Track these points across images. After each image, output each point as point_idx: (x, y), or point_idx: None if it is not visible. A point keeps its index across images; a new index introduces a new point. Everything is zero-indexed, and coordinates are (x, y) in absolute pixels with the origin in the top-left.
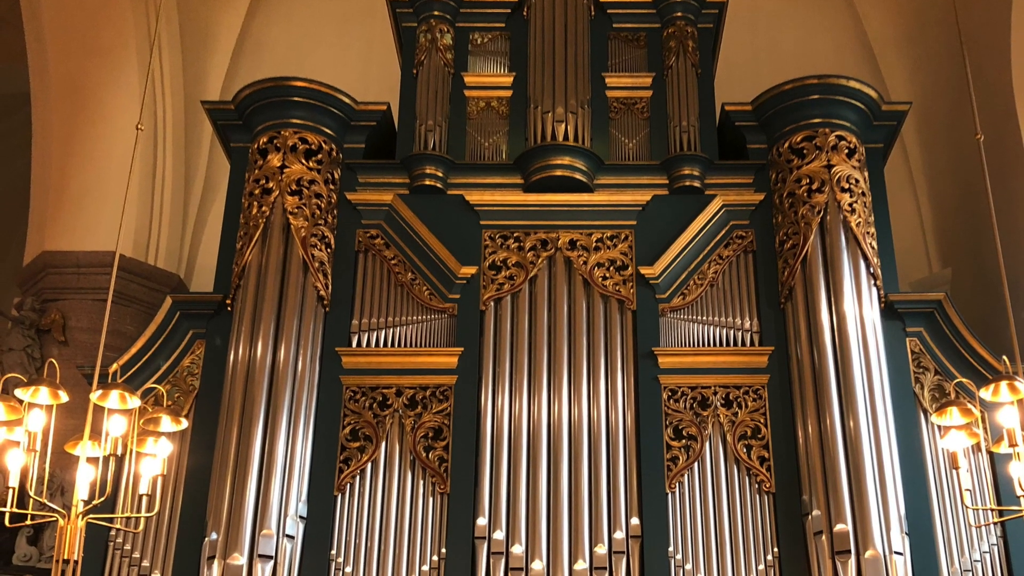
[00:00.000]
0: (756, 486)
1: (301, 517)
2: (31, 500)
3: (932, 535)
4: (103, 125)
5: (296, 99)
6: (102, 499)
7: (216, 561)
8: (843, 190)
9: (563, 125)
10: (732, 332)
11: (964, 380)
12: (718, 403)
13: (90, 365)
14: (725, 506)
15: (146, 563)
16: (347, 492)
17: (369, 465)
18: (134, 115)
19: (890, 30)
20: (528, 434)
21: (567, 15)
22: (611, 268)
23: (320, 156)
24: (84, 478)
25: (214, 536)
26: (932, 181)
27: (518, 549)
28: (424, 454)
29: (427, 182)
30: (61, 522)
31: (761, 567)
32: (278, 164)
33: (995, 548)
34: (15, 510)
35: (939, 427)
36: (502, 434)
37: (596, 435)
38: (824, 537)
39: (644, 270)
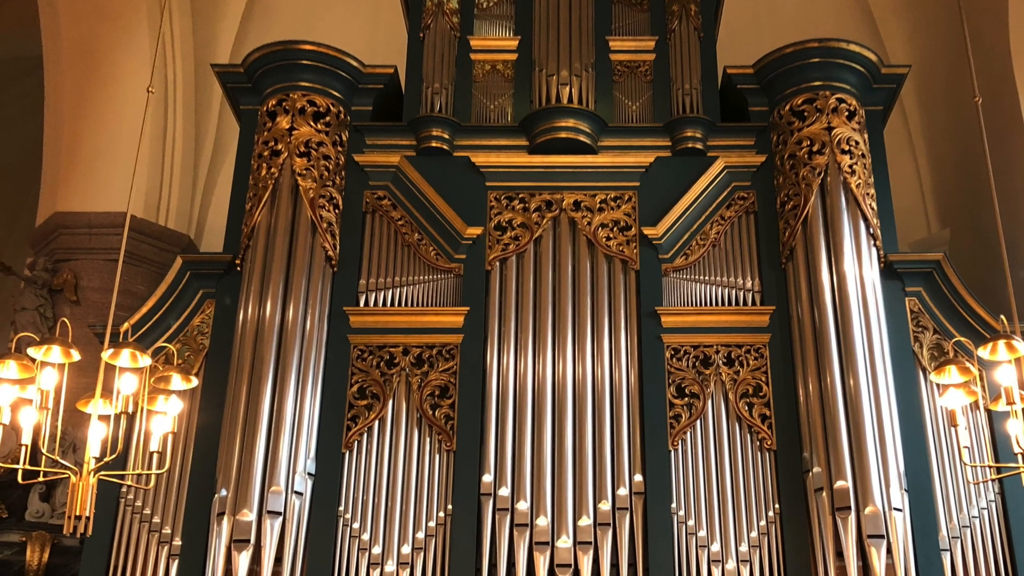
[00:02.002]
0: (757, 443)
1: (309, 474)
2: (44, 457)
3: (931, 492)
4: (114, 88)
5: (304, 62)
6: (113, 456)
7: (226, 517)
8: (843, 152)
9: (567, 88)
10: (734, 292)
11: (962, 339)
12: (720, 361)
13: (102, 324)
14: (727, 463)
15: (157, 519)
16: (355, 449)
17: (376, 423)
18: (145, 78)
19: None
20: (533, 392)
21: None
22: (615, 229)
23: (328, 118)
24: (96, 436)
25: (224, 492)
26: (931, 143)
27: (523, 505)
28: (431, 412)
29: (433, 144)
30: (73, 479)
31: (762, 523)
32: (287, 126)
33: (993, 504)
34: (28, 467)
35: (938, 385)
36: (507, 392)
37: (600, 393)
38: (824, 494)
39: (647, 231)
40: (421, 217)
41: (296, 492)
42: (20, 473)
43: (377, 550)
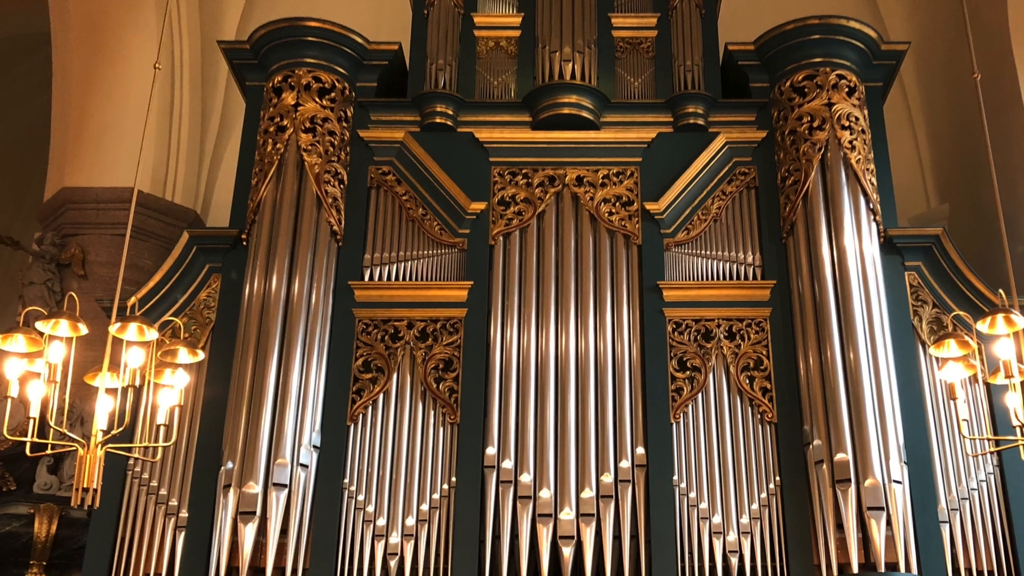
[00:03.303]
0: (758, 416)
1: (315, 447)
2: (51, 430)
3: (930, 464)
4: (121, 64)
5: (310, 39)
6: (120, 429)
7: (232, 489)
8: (843, 127)
9: (570, 64)
10: (735, 266)
11: (961, 313)
12: (721, 335)
13: (109, 298)
14: (728, 436)
15: (163, 491)
16: (359, 422)
17: (381, 396)
18: (152, 55)
19: None
20: (536, 366)
21: None
22: (617, 204)
23: (333, 94)
24: (103, 409)
25: (230, 465)
26: (930, 119)
27: (526, 478)
28: (435, 385)
29: (437, 120)
30: (80, 451)
31: (763, 495)
32: (292, 102)
33: (991, 477)
34: (36, 440)
35: (937, 359)
36: (511, 366)
37: (602, 367)
38: (825, 466)
39: (649, 206)
40: (425, 192)
41: (301, 464)
42: (28, 446)
43: (382, 522)
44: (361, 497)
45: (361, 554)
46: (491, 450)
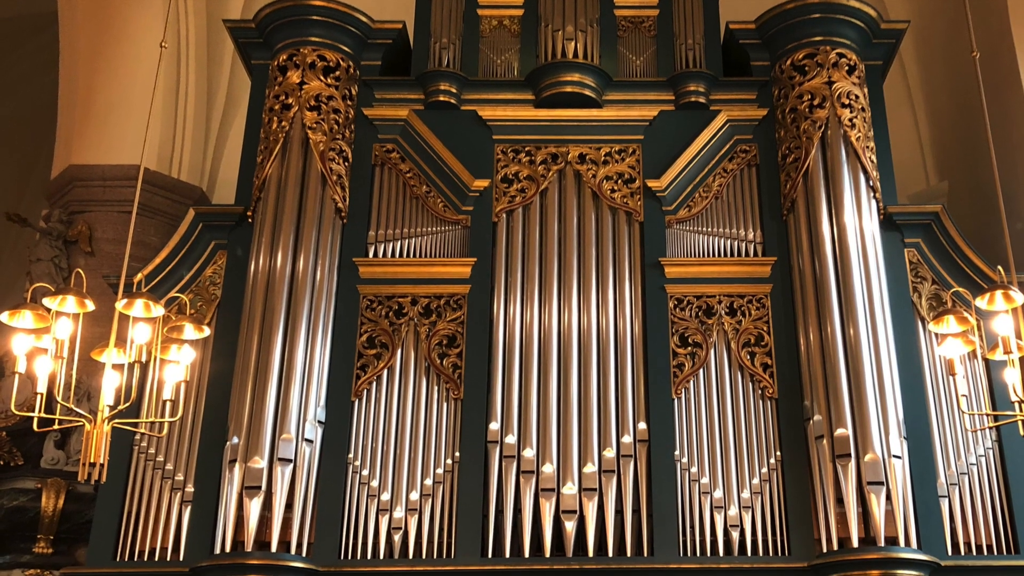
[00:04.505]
0: (759, 392)
1: (319, 422)
2: (58, 405)
3: (929, 439)
4: (128, 43)
5: (315, 18)
6: (127, 404)
7: (237, 464)
8: (843, 106)
9: (573, 43)
10: (736, 243)
11: (960, 289)
12: (723, 311)
13: (115, 275)
14: (729, 411)
15: (170, 466)
16: (364, 398)
17: (385, 371)
18: (158, 33)
19: None
20: (539, 341)
21: None
22: (619, 181)
23: (338, 73)
24: (110, 384)
25: (235, 440)
26: (929, 97)
27: (529, 453)
28: (438, 361)
29: (441, 98)
30: (87, 427)
31: (764, 470)
32: (297, 81)
33: (990, 452)
34: (43, 415)
35: (936, 335)
36: (514, 341)
37: (605, 343)
38: (825, 441)
39: (651, 183)
40: (429, 170)
41: (306, 440)
42: (36, 421)
43: (386, 496)
44: (365, 472)
45: (365, 528)
46: (494, 425)
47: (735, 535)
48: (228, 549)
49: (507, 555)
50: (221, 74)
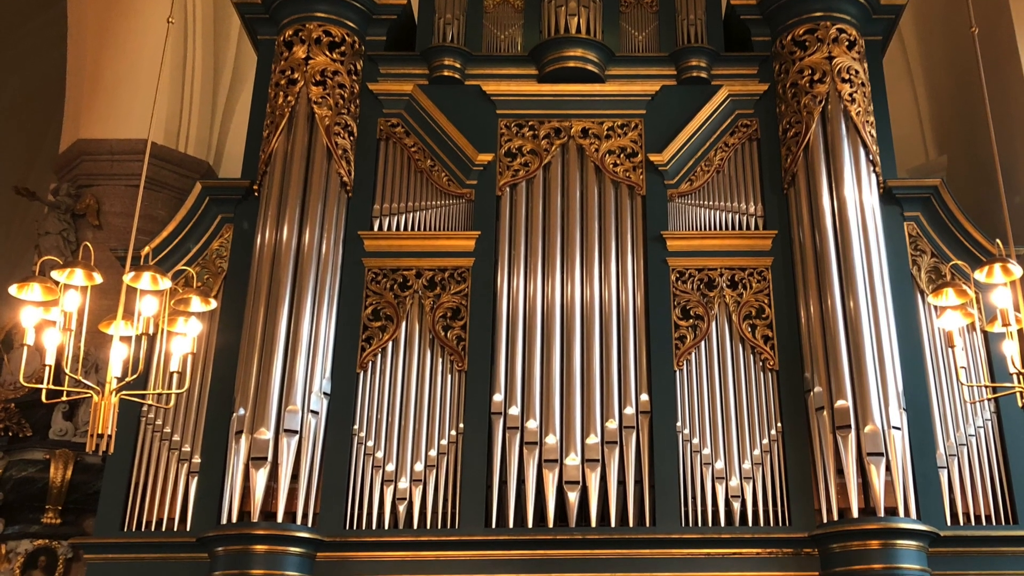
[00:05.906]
0: (760, 364)
1: (325, 394)
2: (67, 377)
3: (929, 411)
4: (135, 18)
5: None
6: (134, 376)
7: (244, 435)
8: (843, 80)
9: (576, 18)
10: (737, 216)
11: (959, 262)
12: (724, 284)
13: (123, 248)
14: (731, 383)
15: (176, 437)
16: (369, 370)
17: (390, 344)
18: (165, 9)
19: None
20: (542, 314)
21: None
22: (621, 155)
23: (343, 48)
24: (117, 356)
25: (242, 412)
26: (928, 72)
27: (532, 424)
28: (443, 333)
29: (445, 73)
30: (95, 398)
31: (765, 442)
32: (303, 56)
33: (989, 423)
34: (51, 387)
35: (935, 307)
36: (517, 314)
37: (607, 315)
38: (825, 413)
39: (653, 157)
40: (433, 144)
41: (312, 411)
42: (44, 392)
43: (391, 467)
44: (370, 443)
45: (370, 499)
46: (498, 397)
47: (736, 506)
48: (234, 519)
49: (510, 525)
50: (228, 49)
